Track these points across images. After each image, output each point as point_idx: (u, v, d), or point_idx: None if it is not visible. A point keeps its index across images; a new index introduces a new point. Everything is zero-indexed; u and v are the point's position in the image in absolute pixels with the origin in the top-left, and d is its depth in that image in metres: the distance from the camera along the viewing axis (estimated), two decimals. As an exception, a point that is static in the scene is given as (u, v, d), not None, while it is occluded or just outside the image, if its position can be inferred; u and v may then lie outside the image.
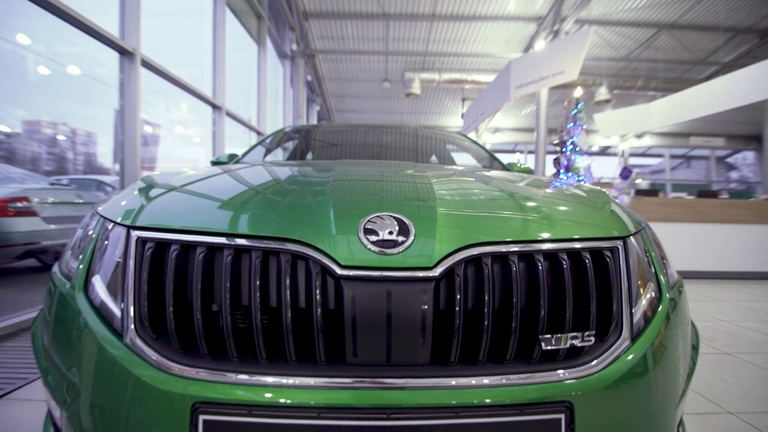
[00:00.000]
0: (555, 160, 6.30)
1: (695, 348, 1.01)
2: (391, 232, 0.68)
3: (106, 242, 0.79)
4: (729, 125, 15.41)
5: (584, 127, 5.95)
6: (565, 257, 0.71)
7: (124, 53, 3.62)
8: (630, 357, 0.70)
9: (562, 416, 0.64)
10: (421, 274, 0.64)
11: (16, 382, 1.72)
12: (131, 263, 0.71)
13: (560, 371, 0.66)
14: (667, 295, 0.84)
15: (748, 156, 19.11)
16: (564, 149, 5.95)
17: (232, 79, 6.11)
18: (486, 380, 0.64)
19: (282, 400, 0.61)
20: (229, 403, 0.60)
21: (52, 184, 5.32)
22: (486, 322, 0.65)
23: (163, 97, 5.22)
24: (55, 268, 0.91)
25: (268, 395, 0.61)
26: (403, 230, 0.68)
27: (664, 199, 5.47)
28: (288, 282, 0.64)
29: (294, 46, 9.01)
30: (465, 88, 12.08)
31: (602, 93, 10.59)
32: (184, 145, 7.33)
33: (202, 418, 0.61)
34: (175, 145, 7.31)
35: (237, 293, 0.67)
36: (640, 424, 0.69)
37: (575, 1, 7.01)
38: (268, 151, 2.21)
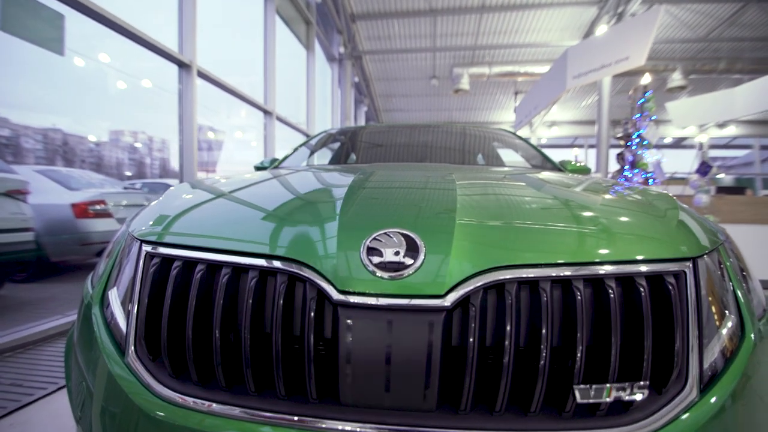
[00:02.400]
0: (618, 155, 5.70)
1: None
2: (396, 252, 0.59)
3: (128, 255, 0.79)
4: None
5: (653, 118, 5.32)
6: (613, 285, 0.59)
7: (182, 65, 3.88)
8: (697, 414, 0.56)
9: None
10: (428, 302, 0.56)
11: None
12: (138, 279, 0.70)
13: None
14: (752, 329, 0.66)
15: None
16: (629, 143, 5.36)
17: (284, 84, 6.32)
18: None
19: None
20: None
21: (125, 188, 5.86)
22: (506, 360, 0.54)
23: (225, 105, 5.54)
24: (88, 278, 0.94)
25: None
26: (412, 249, 0.60)
27: (755, 198, 4.76)
28: (281, 303, 0.58)
29: (341, 49, 9.14)
30: (518, 81, 11.49)
31: (676, 79, 9.49)
32: (242, 149, 7.77)
33: None
34: (236, 149, 7.77)
35: (233, 316, 0.63)
36: None
37: (642, -22, 6.37)
38: (311, 153, 2.22)
